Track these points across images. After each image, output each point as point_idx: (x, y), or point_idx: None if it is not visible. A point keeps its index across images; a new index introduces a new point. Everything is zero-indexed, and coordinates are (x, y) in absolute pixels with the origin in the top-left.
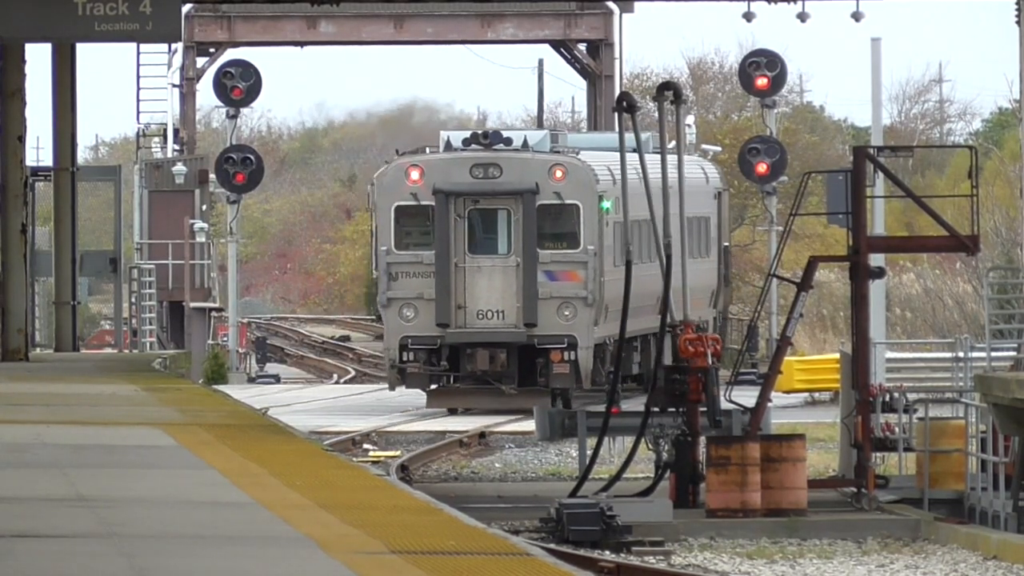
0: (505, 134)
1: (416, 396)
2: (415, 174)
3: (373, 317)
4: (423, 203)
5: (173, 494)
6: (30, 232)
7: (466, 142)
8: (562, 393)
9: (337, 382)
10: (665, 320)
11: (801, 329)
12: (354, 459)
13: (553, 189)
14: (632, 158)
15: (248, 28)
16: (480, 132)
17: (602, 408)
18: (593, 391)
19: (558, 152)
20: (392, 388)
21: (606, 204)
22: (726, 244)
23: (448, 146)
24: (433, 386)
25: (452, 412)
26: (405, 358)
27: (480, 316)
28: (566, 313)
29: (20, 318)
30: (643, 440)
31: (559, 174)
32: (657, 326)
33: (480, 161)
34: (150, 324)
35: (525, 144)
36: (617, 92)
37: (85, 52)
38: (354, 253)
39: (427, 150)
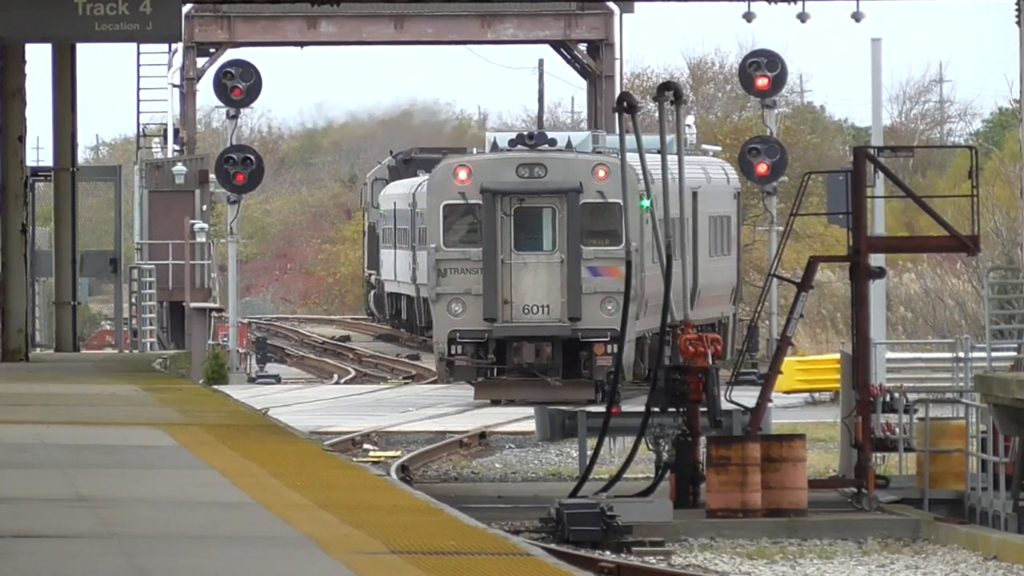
0: (549, 135)
1: (416, 396)
2: (463, 174)
3: (367, 317)
4: (471, 202)
5: (173, 494)
6: (30, 232)
7: (512, 143)
8: (604, 385)
9: (337, 382)
10: (665, 320)
11: (801, 329)
12: (354, 459)
13: (596, 188)
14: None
15: (248, 28)
16: (526, 133)
17: (603, 408)
18: (634, 384)
19: (600, 152)
20: (441, 381)
21: (645, 203)
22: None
23: (495, 147)
24: (480, 379)
25: (495, 403)
26: (453, 351)
27: (526, 311)
28: (609, 307)
29: (20, 318)
30: (643, 440)
31: (602, 173)
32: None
33: (526, 161)
34: (150, 324)
35: (569, 145)
36: (617, 92)
37: (85, 52)
38: (354, 253)
39: (474, 151)
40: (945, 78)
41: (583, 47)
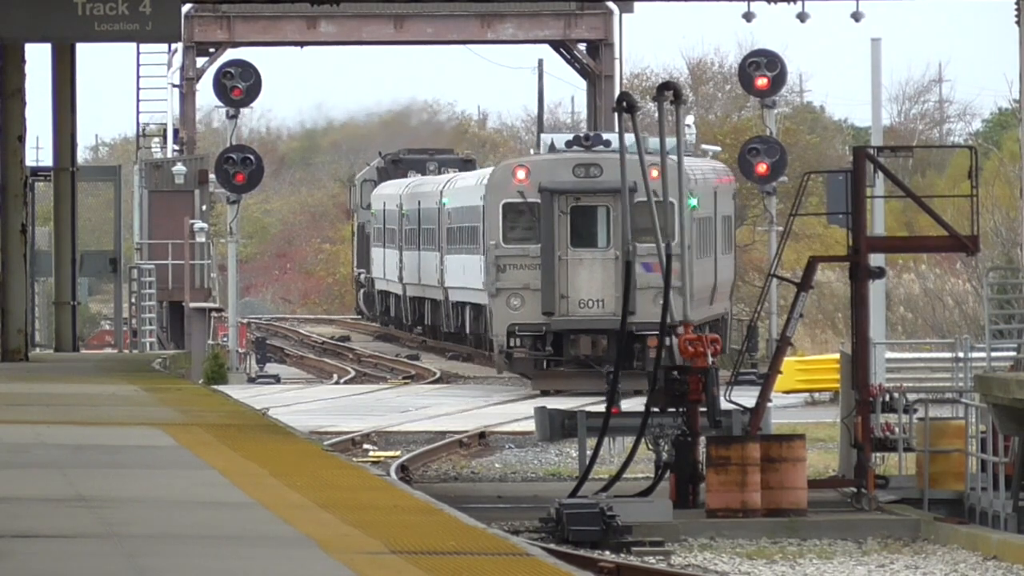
0: (604, 136)
1: (413, 395)
2: (521, 174)
3: (358, 315)
4: (529, 200)
5: (173, 494)
6: (30, 232)
7: (568, 144)
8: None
9: (337, 382)
10: (665, 320)
11: (801, 329)
12: (354, 459)
13: (652, 187)
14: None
15: (248, 28)
16: (582, 135)
17: (602, 408)
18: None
19: (649, 153)
20: (500, 372)
21: (693, 201)
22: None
23: (552, 148)
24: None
25: (545, 393)
26: (512, 344)
27: (582, 305)
28: (660, 302)
29: (20, 318)
30: (643, 440)
31: (655, 173)
32: (709, 317)
33: (582, 161)
34: (150, 324)
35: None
36: (617, 92)
37: (85, 52)
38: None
39: (531, 152)
40: (944, 78)
41: (583, 47)
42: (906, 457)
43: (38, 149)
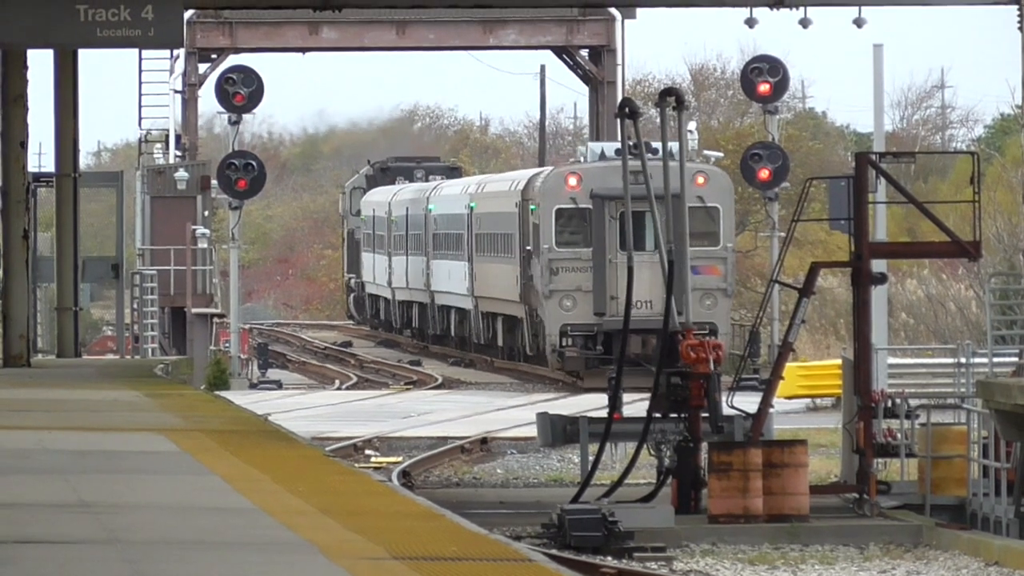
0: (653, 144)
1: (418, 402)
2: (573, 180)
3: (351, 321)
4: (581, 206)
5: (175, 500)
6: (32, 238)
7: (618, 152)
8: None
9: (339, 388)
10: (667, 326)
11: (803, 335)
12: (356, 465)
13: (696, 194)
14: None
15: (250, 34)
16: (632, 143)
17: (604, 413)
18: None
19: (710, 162)
20: (553, 370)
21: None
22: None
23: (602, 156)
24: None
25: (592, 391)
26: (564, 343)
27: (632, 306)
28: (707, 303)
29: (22, 324)
30: (645, 446)
31: (701, 180)
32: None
33: (633, 169)
34: (152, 330)
35: (671, 154)
36: (619, 98)
37: (87, 58)
38: None
39: (581, 159)
40: (947, 84)
41: (585, 53)
42: (908, 463)
43: (40, 155)
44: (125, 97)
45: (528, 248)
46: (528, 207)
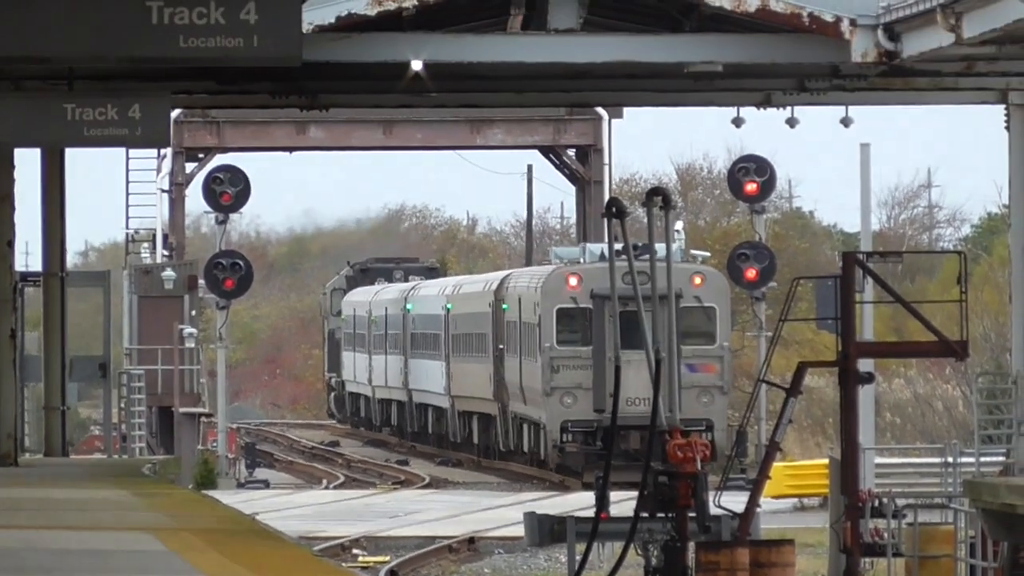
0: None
1: (406, 502)
2: (573, 280)
3: (334, 420)
4: (581, 305)
5: None
6: (20, 337)
7: (618, 253)
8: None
9: (326, 487)
10: (655, 426)
11: (791, 434)
12: (344, 564)
13: (693, 294)
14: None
15: (237, 133)
16: (631, 244)
17: (591, 513)
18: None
19: (687, 262)
20: (552, 466)
21: None
22: None
23: (602, 257)
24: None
25: (589, 487)
26: (565, 439)
27: (630, 403)
28: (704, 400)
29: (10, 423)
30: (632, 545)
31: (698, 280)
32: None
33: (638, 269)
34: (139, 429)
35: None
36: (606, 197)
37: (74, 157)
38: None
39: (580, 260)
40: (934, 183)
41: (572, 152)
42: (895, 563)
43: (28, 254)
44: (112, 196)
45: (500, 347)
46: (500, 307)
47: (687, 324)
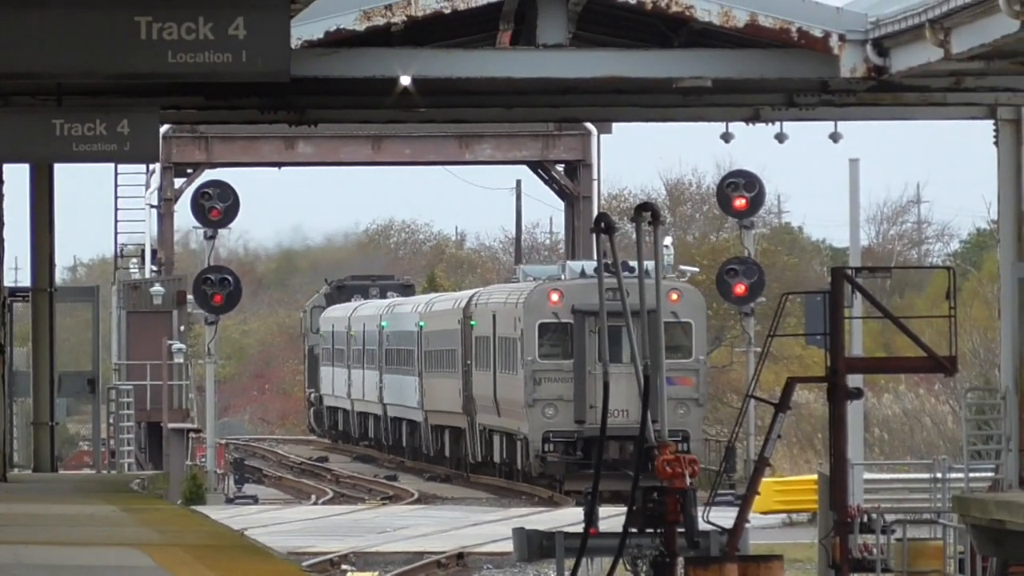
0: (631, 263)
1: (394, 517)
2: (555, 296)
3: (314, 434)
4: (562, 320)
5: None
6: (8, 353)
7: (597, 270)
8: None
9: (315, 503)
10: (643, 441)
11: (780, 450)
12: None
13: (671, 309)
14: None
15: (226, 149)
16: (609, 262)
17: (580, 528)
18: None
19: (667, 278)
20: (534, 475)
21: None
22: None
23: (583, 273)
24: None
25: (569, 495)
26: (546, 449)
27: (610, 414)
28: (680, 412)
29: None
30: (621, 561)
31: (675, 296)
32: None
33: (611, 286)
34: (128, 445)
35: (646, 272)
36: (595, 213)
37: (63, 172)
38: None
39: (561, 277)
40: (923, 199)
41: (560, 168)
42: None
43: (16, 269)
44: (101, 212)
45: (468, 362)
46: (469, 323)
47: (665, 338)
